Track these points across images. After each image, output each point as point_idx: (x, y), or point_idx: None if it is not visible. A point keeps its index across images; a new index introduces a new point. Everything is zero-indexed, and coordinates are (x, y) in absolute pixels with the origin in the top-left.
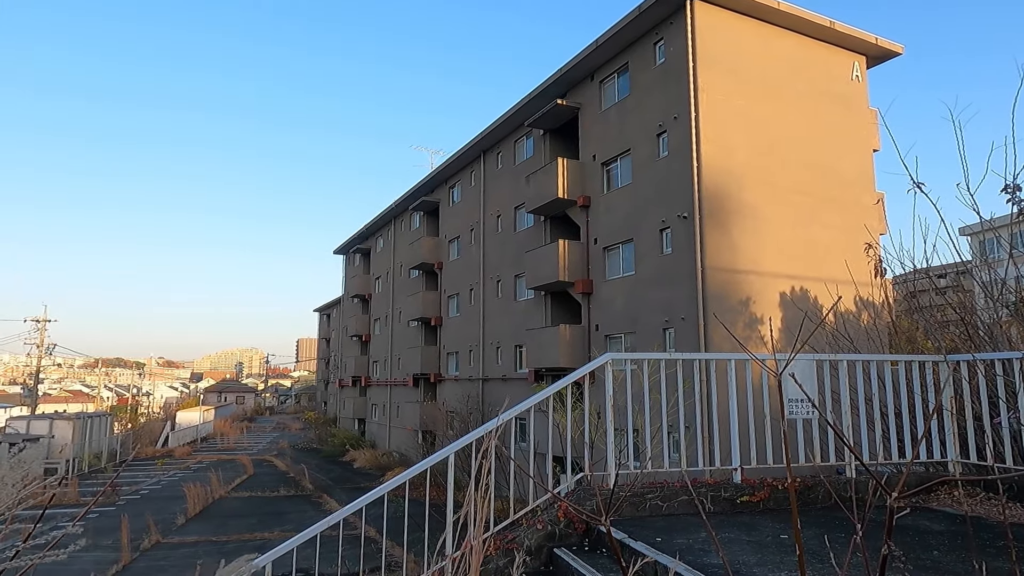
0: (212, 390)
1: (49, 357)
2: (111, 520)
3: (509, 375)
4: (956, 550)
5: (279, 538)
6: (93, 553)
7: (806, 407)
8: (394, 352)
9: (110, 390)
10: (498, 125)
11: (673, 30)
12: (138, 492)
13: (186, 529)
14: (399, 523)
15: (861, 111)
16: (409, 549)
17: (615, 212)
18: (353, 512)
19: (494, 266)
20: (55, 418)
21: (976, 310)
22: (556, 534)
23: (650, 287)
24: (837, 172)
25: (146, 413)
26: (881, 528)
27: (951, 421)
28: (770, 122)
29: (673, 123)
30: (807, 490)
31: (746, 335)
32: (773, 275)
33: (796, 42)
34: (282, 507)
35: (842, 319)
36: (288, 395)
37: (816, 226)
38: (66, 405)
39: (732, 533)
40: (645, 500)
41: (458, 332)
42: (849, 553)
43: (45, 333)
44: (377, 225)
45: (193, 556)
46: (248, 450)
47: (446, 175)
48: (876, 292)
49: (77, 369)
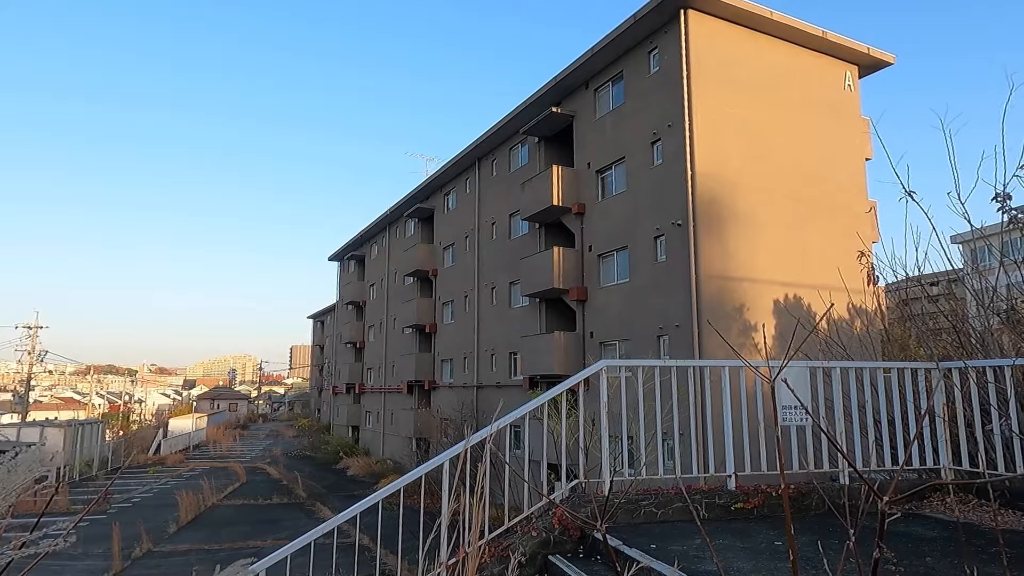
0: (205, 397)
1: (40, 364)
2: (102, 528)
3: (504, 382)
4: (948, 556)
5: (272, 546)
6: (84, 561)
7: (800, 414)
8: (388, 359)
9: (102, 397)
10: (493, 133)
11: (667, 39)
12: (130, 500)
13: (178, 537)
14: (393, 530)
15: (853, 120)
16: (403, 557)
17: (610, 219)
18: (347, 520)
19: (489, 273)
20: (46, 425)
21: (968, 318)
22: (551, 541)
23: (645, 294)
24: (830, 180)
25: (138, 420)
26: (874, 535)
27: (943, 428)
28: (764, 130)
29: (667, 131)
30: (801, 497)
31: (740, 342)
32: (767, 282)
33: (789, 51)
34: (275, 515)
35: (835, 326)
36: (282, 402)
37: (809, 234)
38: (57, 412)
39: (727, 540)
40: (640, 507)
41: (453, 339)
42: (842, 559)
43: (36, 339)
44: (372, 232)
45: (185, 564)
46: (241, 458)
47: (441, 182)
48: (869, 299)
49: (68, 376)
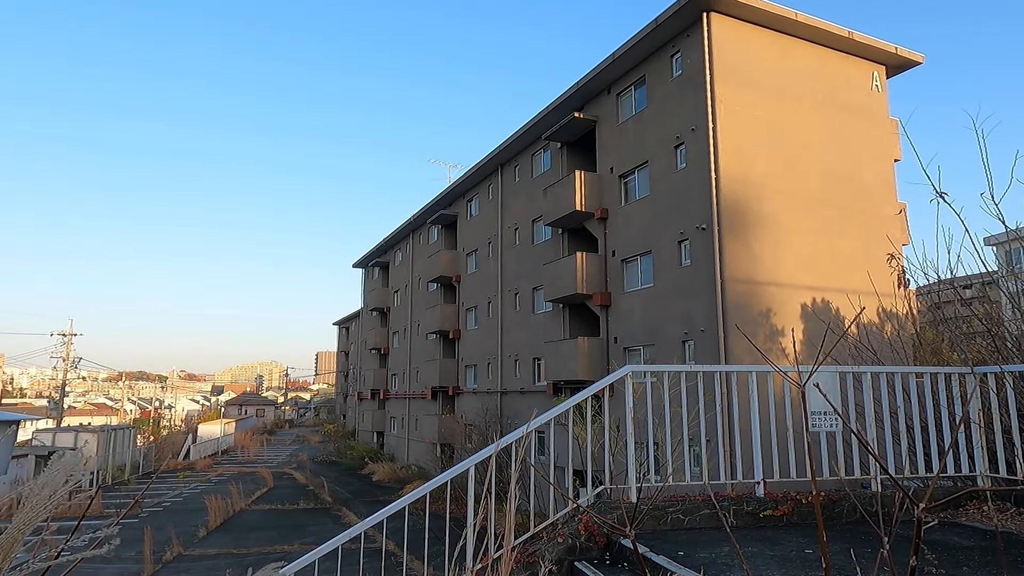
0: (233, 403)
1: (74, 370)
2: (134, 532)
3: (527, 388)
4: (986, 566)
5: (299, 551)
6: (116, 565)
7: (830, 419)
8: (412, 365)
9: (133, 403)
10: (515, 139)
11: (690, 43)
12: (160, 504)
13: (207, 541)
14: (419, 536)
15: (881, 121)
16: (429, 563)
17: (633, 224)
18: (373, 525)
19: (512, 279)
20: (80, 431)
21: (1003, 321)
22: (577, 548)
23: (669, 299)
24: (858, 182)
25: (168, 426)
26: (908, 543)
27: (979, 434)
28: (789, 133)
29: (691, 135)
30: (832, 504)
31: (767, 347)
32: (794, 286)
33: (814, 53)
34: (302, 520)
35: (865, 330)
36: (307, 408)
37: (837, 237)
38: (91, 418)
39: (755, 547)
40: (666, 514)
41: (476, 345)
42: (876, 568)
43: (71, 347)
44: (396, 239)
45: (214, 568)
46: (268, 463)
47: (464, 188)
48: (899, 303)
49: (101, 382)
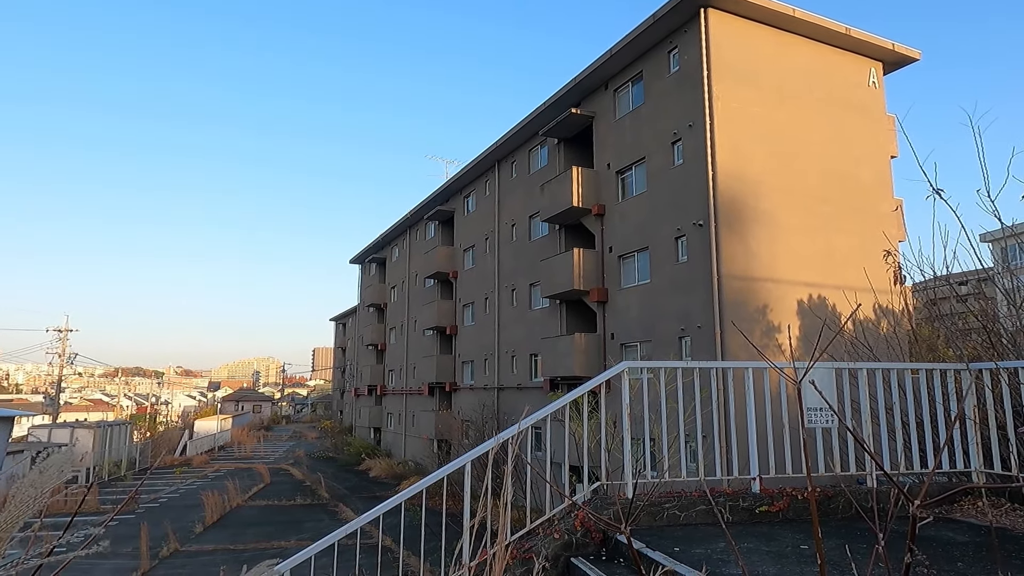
0: (229, 399)
1: (70, 366)
2: (130, 528)
3: (524, 384)
4: (980, 561)
5: (296, 547)
6: (112, 561)
7: (826, 415)
8: (409, 361)
9: (129, 399)
10: (512, 135)
11: (687, 38)
12: (157, 500)
13: (204, 537)
14: (415, 532)
15: (878, 117)
16: (426, 558)
17: (630, 220)
18: (370, 521)
19: (509, 275)
20: (76, 426)
21: (999, 318)
22: (573, 543)
23: (666, 295)
24: (854, 179)
25: (164, 422)
26: (903, 539)
27: (974, 430)
28: (786, 129)
29: (688, 131)
30: (827, 500)
31: (763, 343)
32: (790, 283)
33: (812, 49)
34: (298, 516)
35: (861, 327)
36: (304, 404)
37: (834, 233)
38: (87, 414)
39: (751, 543)
40: (662, 510)
41: (473, 341)
42: (871, 563)
43: (67, 343)
44: (392, 235)
45: (211, 564)
46: (265, 459)
47: (461, 184)
48: (895, 300)
49: (97, 378)
